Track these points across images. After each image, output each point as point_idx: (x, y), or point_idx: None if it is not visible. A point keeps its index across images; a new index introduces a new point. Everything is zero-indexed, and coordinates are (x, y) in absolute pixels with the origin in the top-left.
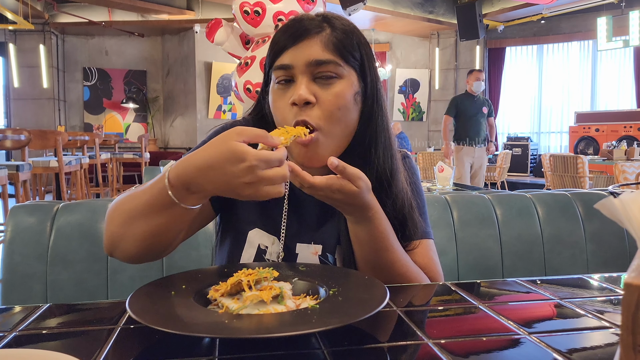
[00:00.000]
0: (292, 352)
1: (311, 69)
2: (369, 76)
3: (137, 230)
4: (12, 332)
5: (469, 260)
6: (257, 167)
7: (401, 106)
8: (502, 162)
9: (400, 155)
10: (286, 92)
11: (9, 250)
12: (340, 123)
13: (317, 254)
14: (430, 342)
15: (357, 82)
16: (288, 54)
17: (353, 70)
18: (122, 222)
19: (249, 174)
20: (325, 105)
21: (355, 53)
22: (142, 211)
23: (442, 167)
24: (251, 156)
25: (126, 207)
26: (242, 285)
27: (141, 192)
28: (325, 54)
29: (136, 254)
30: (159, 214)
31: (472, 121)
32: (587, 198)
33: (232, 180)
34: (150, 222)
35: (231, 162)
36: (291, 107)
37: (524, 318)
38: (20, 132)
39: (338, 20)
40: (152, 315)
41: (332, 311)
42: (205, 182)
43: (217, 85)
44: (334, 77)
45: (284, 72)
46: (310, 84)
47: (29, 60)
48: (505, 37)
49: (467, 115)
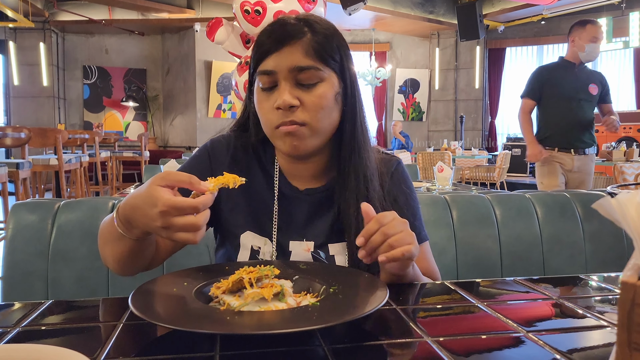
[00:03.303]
0: (292, 348)
1: (294, 74)
2: (348, 77)
3: (110, 254)
4: (15, 328)
5: (468, 260)
6: (168, 213)
7: (401, 106)
8: (501, 163)
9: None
10: (270, 95)
11: (10, 248)
12: (324, 121)
13: (310, 251)
14: (429, 340)
15: (337, 83)
16: (271, 60)
17: (333, 72)
18: (102, 245)
19: (160, 219)
20: (309, 106)
21: (335, 55)
22: (108, 239)
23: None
24: (161, 202)
25: (101, 233)
26: (243, 282)
27: (107, 222)
28: (307, 60)
29: (120, 270)
30: (119, 242)
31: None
32: (585, 199)
33: (149, 223)
34: (116, 248)
35: (148, 205)
36: (276, 110)
37: (523, 317)
38: (21, 130)
39: (319, 24)
40: (155, 311)
41: (332, 308)
42: (135, 220)
43: (217, 84)
44: (315, 82)
45: (268, 78)
46: (293, 89)
47: (29, 58)
48: (505, 38)
49: (561, 98)
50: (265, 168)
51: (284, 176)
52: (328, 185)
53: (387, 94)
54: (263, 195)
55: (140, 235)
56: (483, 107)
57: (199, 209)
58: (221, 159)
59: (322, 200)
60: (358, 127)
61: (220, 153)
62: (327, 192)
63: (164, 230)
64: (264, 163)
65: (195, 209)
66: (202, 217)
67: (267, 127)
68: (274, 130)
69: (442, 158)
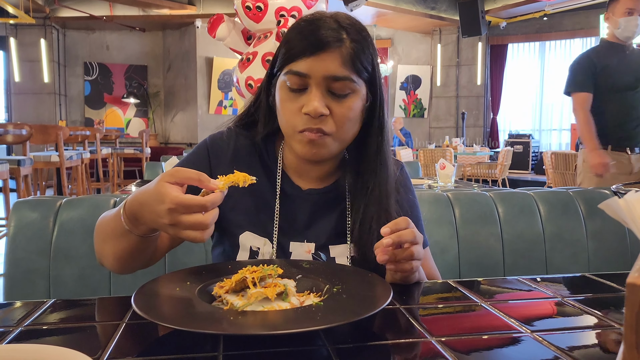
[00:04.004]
0: (296, 348)
1: (327, 82)
2: (378, 88)
3: (111, 251)
4: (17, 327)
5: (471, 258)
6: (175, 210)
7: (402, 102)
8: (503, 160)
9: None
10: (298, 97)
11: (12, 246)
12: (349, 132)
13: (311, 252)
14: (433, 340)
15: (365, 94)
16: (305, 63)
17: (364, 82)
18: (101, 241)
19: (168, 216)
20: (338, 117)
21: (368, 66)
22: (110, 235)
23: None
24: (169, 199)
25: (101, 229)
26: (246, 282)
27: (110, 217)
28: (343, 70)
29: (118, 268)
30: (122, 238)
31: (627, 99)
32: (588, 196)
33: (157, 220)
34: (118, 245)
35: (156, 202)
36: (301, 114)
37: (526, 316)
38: (22, 127)
39: (353, 27)
40: (158, 311)
41: (336, 308)
42: (142, 217)
43: (219, 80)
44: (348, 93)
45: (299, 80)
46: (324, 97)
47: (30, 55)
48: (507, 34)
49: (616, 87)
50: (267, 165)
51: (287, 174)
52: (332, 187)
53: (388, 90)
54: (264, 194)
55: (147, 232)
56: (485, 103)
57: (207, 207)
58: (220, 155)
59: (324, 201)
60: (385, 141)
61: (219, 149)
62: (330, 193)
63: (171, 228)
64: (265, 160)
65: (203, 207)
66: (210, 216)
67: (289, 128)
68: (296, 133)
69: (444, 155)
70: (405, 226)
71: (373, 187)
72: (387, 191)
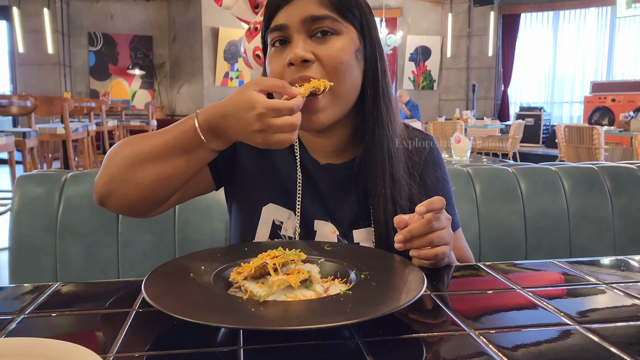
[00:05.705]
0: (322, 342)
1: (307, 26)
2: (369, 36)
3: (147, 173)
4: (20, 315)
5: (491, 236)
6: (266, 114)
7: (411, 74)
8: (514, 133)
9: (427, 141)
10: (282, 53)
11: (17, 222)
12: (345, 80)
13: (336, 234)
14: (472, 333)
15: (357, 39)
16: (282, 14)
17: (352, 26)
18: (130, 164)
19: (258, 121)
20: (325, 61)
21: (354, 10)
22: (159, 153)
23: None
24: (260, 104)
25: (138, 149)
26: (266, 268)
27: (160, 134)
28: (321, 9)
29: (136, 200)
30: (179, 155)
31: None
32: (614, 172)
33: (246, 127)
34: (165, 164)
35: (244, 110)
36: (288, 68)
37: (571, 306)
38: (26, 98)
39: None
40: (170, 300)
41: (366, 299)
42: (226, 128)
43: (225, 51)
44: (331, 34)
45: (279, 33)
46: (307, 42)
47: (34, 25)
48: (520, 3)
49: None
50: None
51: (305, 148)
52: (350, 163)
53: (397, 61)
54: (287, 168)
55: (223, 146)
56: (496, 75)
57: (294, 110)
58: None
59: (343, 179)
60: (381, 93)
61: None
62: (349, 170)
63: (260, 135)
64: None
65: (291, 110)
66: (297, 118)
67: None
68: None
69: (455, 128)
70: (441, 206)
71: (372, 146)
72: (390, 151)
